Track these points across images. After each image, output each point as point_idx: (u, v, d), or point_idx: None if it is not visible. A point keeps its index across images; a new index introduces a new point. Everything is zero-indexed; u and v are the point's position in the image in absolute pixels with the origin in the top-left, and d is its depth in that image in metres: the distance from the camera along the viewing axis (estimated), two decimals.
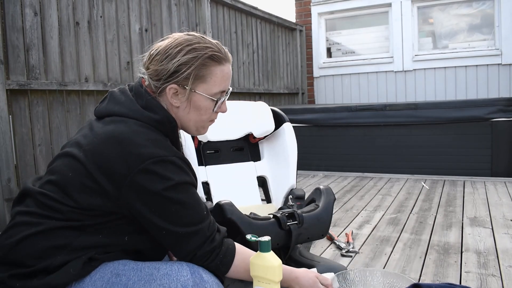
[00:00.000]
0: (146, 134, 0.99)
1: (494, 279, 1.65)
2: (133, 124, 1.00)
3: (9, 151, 2.17)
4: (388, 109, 4.13)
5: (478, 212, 2.61)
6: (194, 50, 1.04)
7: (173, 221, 0.97)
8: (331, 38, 6.02)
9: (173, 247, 1.01)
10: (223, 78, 1.09)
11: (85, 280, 0.96)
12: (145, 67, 1.09)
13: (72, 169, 0.99)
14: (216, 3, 4.13)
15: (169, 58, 1.04)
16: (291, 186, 1.72)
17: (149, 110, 1.03)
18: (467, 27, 5.24)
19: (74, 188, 0.97)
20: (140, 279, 0.97)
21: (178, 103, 1.07)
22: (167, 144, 1.02)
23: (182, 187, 0.98)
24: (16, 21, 2.26)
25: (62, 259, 0.95)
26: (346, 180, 3.81)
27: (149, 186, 0.94)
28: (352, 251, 1.99)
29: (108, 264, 0.99)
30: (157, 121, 1.03)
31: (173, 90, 1.05)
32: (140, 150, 0.95)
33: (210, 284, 0.98)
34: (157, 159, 0.95)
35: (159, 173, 0.95)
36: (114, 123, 1.00)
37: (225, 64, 1.09)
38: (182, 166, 1.00)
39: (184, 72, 1.03)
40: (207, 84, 1.06)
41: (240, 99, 4.42)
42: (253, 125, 1.80)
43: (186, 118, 1.09)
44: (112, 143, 0.96)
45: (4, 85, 2.16)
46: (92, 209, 0.97)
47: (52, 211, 0.97)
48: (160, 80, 1.05)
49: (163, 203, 0.96)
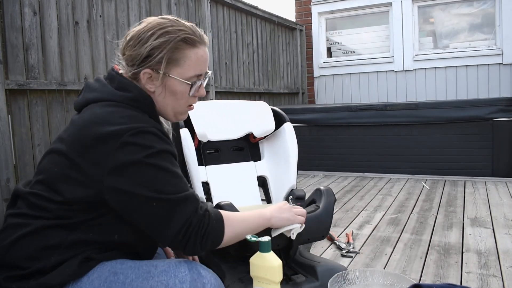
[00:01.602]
0: (121, 112, 0.98)
1: (495, 280, 1.64)
2: (108, 106, 0.99)
3: (8, 151, 2.16)
4: (389, 109, 4.12)
5: (479, 212, 2.60)
6: (167, 34, 1.02)
7: (162, 189, 0.94)
8: (331, 38, 6.01)
9: (167, 220, 0.96)
10: (198, 61, 1.06)
11: (82, 279, 0.96)
12: (122, 53, 1.08)
13: (56, 163, 0.98)
14: (216, 2, 4.12)
15: (142, 42, 1.02)
16: (291, 186, 1.72)
17: (122, 90, 1.02)
18: (468, 26, 5.23)
19: (60, 181, 0.97)
20: (138, 276, 0.96)
21: (153, 88, 1.05)
22: (145, 118, 1.01)
23: (165, 155, 0.97)
24: (15, 20, 2.25)
25: (56, 259, 0.95)
26: (346, 180, 3.81)
27: (131, 157, 0.92)
28: (352, 251, 1.99)
29: (105, 263, 0.99)
30: (131, 99, 1.02)
31: (147, 75, 1.03)
32: (116, 127, 0.94)
33: (208, 279, 0.97)
34: (135, 131, 0.94)
35: (139, 143, 0.93)
36: (89, 110, 1.00)
37: (199, 47, 1.06)
38: (162, 137, 0.99)
39: (157, 56, 1.02)
40: (181, 68, 1.04)
41: (240, 99, 4.41)
42: (253, 125, 1.80)
43: (163, 103, 1.07)
44: (89, 127, 0.95)
45: (3, 85, 2.15)
46: (78, 202, 0.96)
47: (41, 210, 0.97)
48: (134, 65, 1.04)
49: (148, 171, 0.94)
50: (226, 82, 4.31)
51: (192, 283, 0.95)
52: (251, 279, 1.06)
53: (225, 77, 4.31)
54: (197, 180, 1.57)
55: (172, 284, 0.94)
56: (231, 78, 4.41)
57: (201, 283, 0.96)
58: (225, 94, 4.24)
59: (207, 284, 0.96)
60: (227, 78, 4.34)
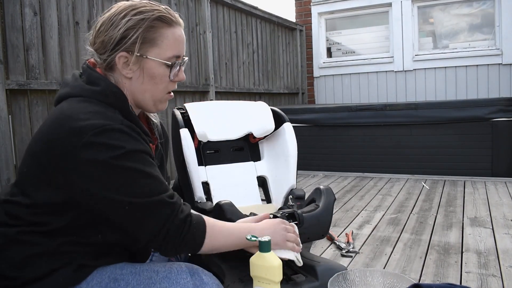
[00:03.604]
0: (86, 108, 0.91)
1: (495, 279, 1.65)
2: (75, 101, 0.94)
3: (8, 151, 2.16)
4: (388, 109, 4.13)
5: (479, 212, 2.61)
6: (141, 13, 0.97)
7: (133, 192, 0.88)
8: (331, 38, 6.01)
9: (141, 223, 0.90)
10: (176, 41, 1.00)
11: (81, 286, 0.94)
12: (91, 44, 1.02)
13: (26, 164, 0.95)
14: (216, 2, 4.13)
15: (114, 25, 0.96)
16: (291, 186, 1.72)
17: (91, 84, 0.96)
18: (467, 26, 5.24)
19: (29, 184, 0.93)
20: (139, 283, 0.94)
21: (130, 73, 0.98)
22: (112, 115, 0.93)
23: (136, 155, 0.89)
24: (15, 21, 2.25)
25: (48, 266, 0.92)
26: (346, 180, 3.81)
27: (97, 159, 0.85)
28: (352, 251, 1.99)
29: (104, 268, 0.97)
30: (99, 93, 0.95)
31: (123, 58, 0.97)
32: (79, 124, 0.87)
33: (210, 286, 0.96)
34: (99, 129, 0.86)
35: (104, 143, 0.86)
36: (58, 108, 0.95)
37: (176, 27, 1.01)
38: (132, 134, 0.91)
39: (132, 37, 0.96)
40: (159, 48, 0.98)
41: (240, 99, 4.42)
42: (253, 125, 1.80)
43: (141, 89, 1.00)
44: (54, 125, 0.90)
45: (4, 85, 2.15)
46: (46, 205, 0.92)
47: (16, 219, 0.93)
48: (107, 51, 0.97)
49: (117, 174, 0.87)
50: (226, 82, 4.31)
51: None
52: (251, 279, 1.07)
53: (225, 77, 4.31)
54: (197, 180, 1.58)
55: None
56: (231, 78, 4.41)
57: None
58: (225, 94, 4.24)
59: None
60: (227, 78, 4.35)
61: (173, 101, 3.54)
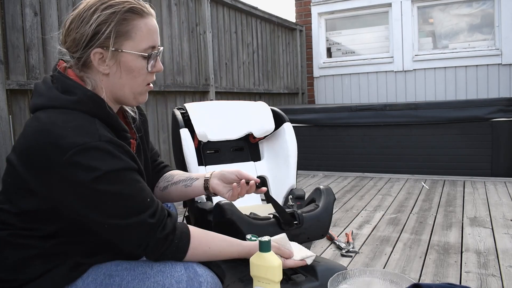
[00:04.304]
0: (65, 122, 0.89)
1: (494, 279, 1.65)
2: (52, 113, 0.91)
3: (9, 151, 2.16)
4: (388, 109, 4.13)
5: (478, 212, 2.61)
6: (111, 7, 0.94)
7: (112, 214, 0.89)
8: (331, 38, 6.02)
9: (121, 240, 0.94)
10: (150, 31, 0.98)
11: (77, 283, 0.95)
12: (63, 43, 0.99)
13: (9, 174, 0.95)
14: (216, 3, 4.13)
15: (85, 21, 0.94)
16: (291, 186, 1.72)
17: (67, 93, 0.93)
18: (467, 27, 5.24)
19: (14, 193, 0.94)
20: (134, 278, 0.95)
21: (107, 69, 0.96)
22: (92, 127, 0.91)
23: (114, 176, 0.89)
24: (16, 21, 2.26)
25: (43, 267, 0.93)
26: (346, 180, 3.81)
27: (75, 180, 0.86)
28: (352, 251, 1.99)
29: (100, 266, 0.98)
30: (76, 102, 0.92)
31: (98, 55, 0.95)
32: (59, 142, 0.86)
33: (204, 278, 0.96)
34: (78, 149, 0.85)
35: (83, 164, 0.85)
36: (35, 119, 0.92)
37: (148, 17, 0.99)
38: (111, 150, 0.89)
39: (105, 32, 0.93)
40: (133, 41, 0.96)
41: (240, 99, 4.42)
42: (253, 125, 1.80)
43: (119, 84, 0.98)
44: (33, 139, 0.89)
45: (4, 85, 2.16)
46: (34, 212, 0.92)
47: (5, 224, 0.94)
48: (79, 49, 0.95)
49: (95, 197, 0.88)
50: (226, 82, 4.32)
51: (188, 283, 0.94)
52: (251, 279, 1.07)
53: (225, 77, 4.31)
54: None
55: (168, 284, 0.93)
56: (231, 78, 4.42)
57: (197, 282, 0.95)
58: (225, 94, 4.25)
59: (204, 282, 0.95)
60: (227, 78, 4.35)
61: (173, 101, 3.54)
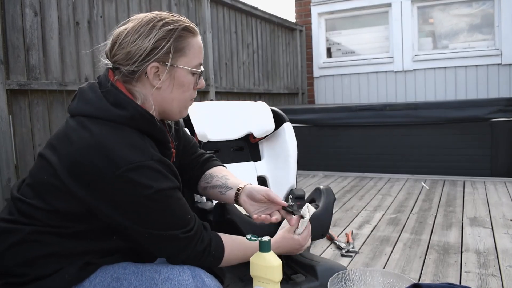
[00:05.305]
0: (119, 137, 0.93)
1: (494, 279, 1.65)
2: (104, 126, 0.94)
3: (9, 151, 2.17)
4: (388, 109, 4.13)
5: (478, 212, 2.61)
6: (168, 24, 0.99)
7: (153, 226, 0.94)
8: (331, 38, 6.02)
9: (160, 249, 0.98)
10: (200, 49, 1.05)
11: (84, 284, 0.95)
12: (111, 55, 1.01)
13: (46, 171, 0.95)
14: (216, 3, 4.13)
15: (143, 36, 0.97)
16: (291, 186, 1.72)
17: (118, 107, 0.96)
18: (467, 27, 5.24)
19: (47, 190, 0.95)
20: (141, 283, 0.95)
21: (160, 83, 1.00)
22: (144, 145, 0.95)
23: (162, 194, 0.93)
24: (16, 21, 2.26)
25: (56, 265, 0.93)
26: (346, 180, 3.82)
27: (126, 193, 0.90)
28: (352, 251, 1.99)
29: (108, 267, 0.98)
30: (128, 118, 0.95)
31: (154, 69, 0.98)
32: (113, 156, 0.89)
33: None
34: (133, 166, 0.89)
35: (135, 181, 0.89)
36: (85, 128, 0.94)
37: (198, 36, 1.05)
38: (161, 170, 0.94)
39: (164, 47, 0.97)
40: (187, 57, 1.01)
41: (240, 99, 4.42)
42: (253, 125, 1.80)
43: (169, 98, 1.02)
44: (85, 151, 0.91)
45: (4, 85, 2.16)
46: (66, 212, 0.94)
47: (30, 218, 0.94)
48: (135, 62, 0.97)
49: (141, 210, 0.92)
50: (226, 82, 4.32)
51: None
52: (251, 279, 1.07)
53: (225, 77, 4.31)
54: None
55: None
56: (231, 78, 4.42)
57: None
58: (225, 95, 4.25)
59: None
60: (227, 79, 4.35)
61: None
